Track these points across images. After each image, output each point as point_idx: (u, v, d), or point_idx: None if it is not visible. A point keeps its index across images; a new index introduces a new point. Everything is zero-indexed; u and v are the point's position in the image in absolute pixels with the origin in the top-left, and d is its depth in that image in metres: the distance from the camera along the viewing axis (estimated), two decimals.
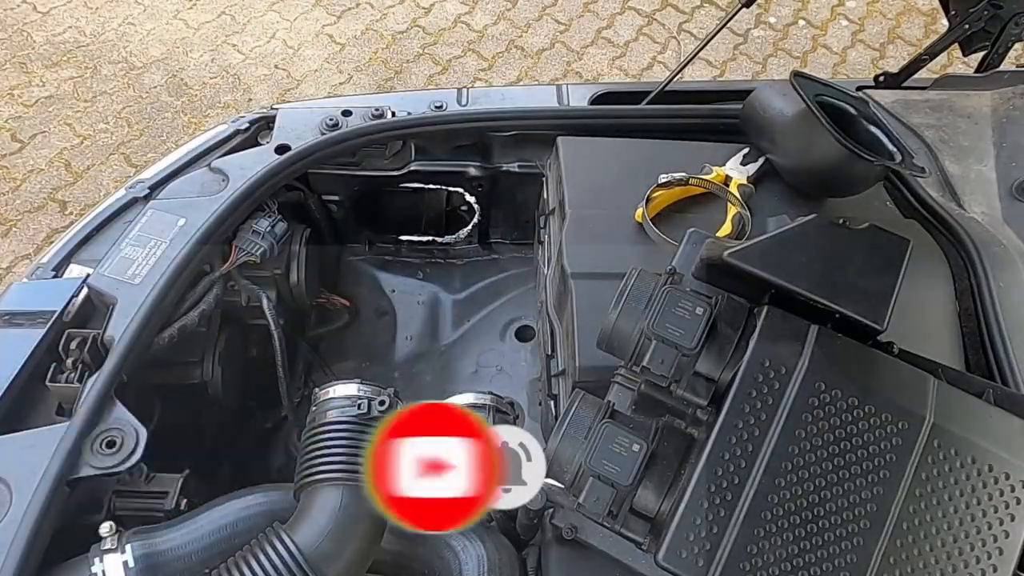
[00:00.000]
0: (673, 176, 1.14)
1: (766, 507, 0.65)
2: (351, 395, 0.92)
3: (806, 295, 0.71)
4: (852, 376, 0.68)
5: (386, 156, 1.34)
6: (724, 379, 0.72)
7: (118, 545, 0.84)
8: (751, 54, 3.11)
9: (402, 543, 0.95)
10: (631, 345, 0.77)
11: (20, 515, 0.82)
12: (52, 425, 0.90)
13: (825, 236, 0.76)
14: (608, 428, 0.73)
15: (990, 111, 1.25)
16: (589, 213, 1.12)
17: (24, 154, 2.63)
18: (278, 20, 3.08)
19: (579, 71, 3.03)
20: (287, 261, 1.25)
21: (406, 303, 1.50)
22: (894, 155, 1.10)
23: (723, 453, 0.66)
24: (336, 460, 0.87)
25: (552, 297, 1.17)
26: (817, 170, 1.13)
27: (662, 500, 0.72)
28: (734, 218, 1.12)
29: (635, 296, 0.78)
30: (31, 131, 2.67)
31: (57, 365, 0.95)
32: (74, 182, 2.56)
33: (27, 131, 2.67)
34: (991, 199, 1.16)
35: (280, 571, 0.80)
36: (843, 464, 0.66)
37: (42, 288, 1.05)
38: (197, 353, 1.15)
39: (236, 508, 0.90)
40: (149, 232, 1.08)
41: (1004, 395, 0.73)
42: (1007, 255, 1.07)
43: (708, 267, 0.78)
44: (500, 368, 1.44)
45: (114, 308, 1.00)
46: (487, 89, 1.36)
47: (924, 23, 3.21)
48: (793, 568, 0.64)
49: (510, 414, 1.10)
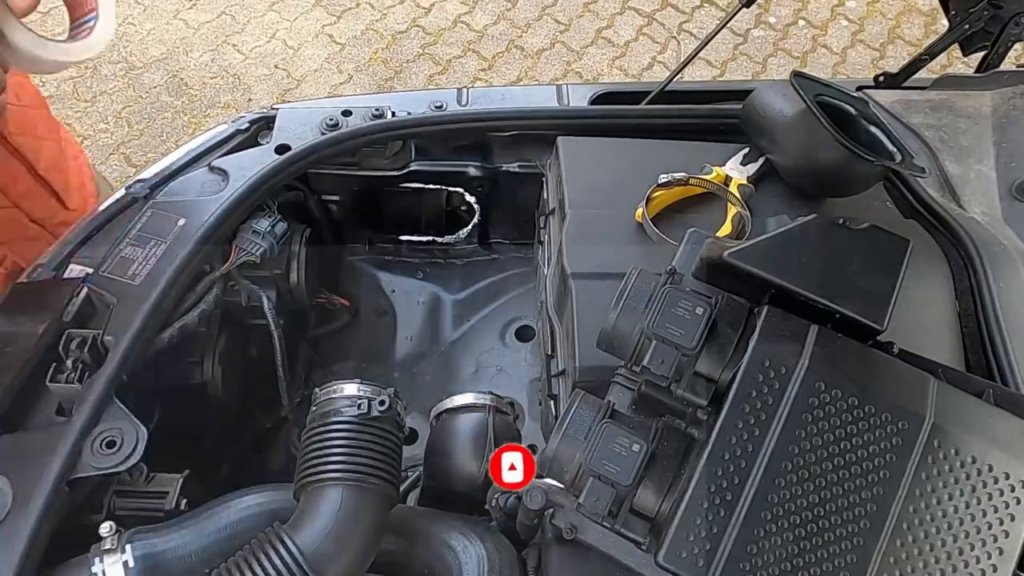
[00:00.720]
0: (673, 176, 1.14)
1: (766, 507, 0.65)
2: (351, 395, 0.92)
3: (806, 295, 0.71)
4: (852, 376, 0.68)
5: (386, 156, 1.34)
6: (724, 379, 0.72)
7: (118, 545, 0.84)
8: (751, 54, 3.11)
9: (402, 543, 0.95)
10: (631, 345, 0.77)
11: (20, 515, 0.82)
12: (52, 425, 0.91)
13: (825, 236, 0.76)
14: (608, 428, 0.73)
15: (990, 111, 1.25)
16: (589, 213, 1.12)
17: None
18: (278, 20, 3.08)
19: (579, 71, 3.04)
20: (287, 261, 1.25)
21: (406, 303, 1.50)
22: (894, 155, 1.10)
23: (723, 453, 0.66)
24: (336, 460, 0.87)
25: (552, 297, 1.17)
26: (817, 170, 1.13)
27: (662, 500, 0.72)
28: (734, 218, 1.12)
29: (635, 296, 0.78)
30: None
31: (57, 365, 0.95)
32: None
33: None
34: (991, 199, 1.16)
35: (280, 571, 0.79)
36: (843, 464, 0.66)
37: (42, 288, 1.05)
38: (197, 353, 1.15)
39: (236, 508, 0.90)
40: (149, 232, 1.08)
41: (1004, 395, 0.73)
42: (1007, 255, 1.07)
43: (708, 267, 0.78)
44: (500, 368, 1.44)
45: (114, 308, 1.00)
46: (487, 89, 1.35)
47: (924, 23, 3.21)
48: (793, 568, 0.64)
49: (510, 414, 1.10)
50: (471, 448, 1.03)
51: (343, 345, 1.47)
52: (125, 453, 0.88)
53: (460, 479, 1.02)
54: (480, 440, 1.03)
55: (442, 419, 1.08)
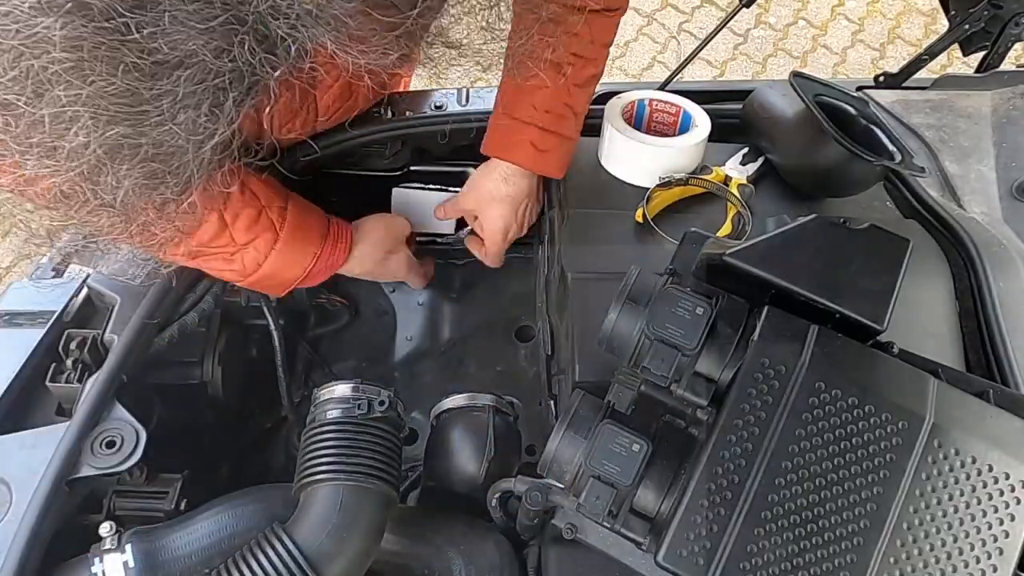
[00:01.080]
0: (673, 176, 1.14)
1: (766, 507, 0.65)
2: (351, 395, 0.92)
3: (806, 295, 0.71)
4: (852, 376, 0.68)
5: (386, 156, 1.34)
6: (724, 379, 0.72)
7: (118, 545, 0.84)
8: (751, 54, 3.11)
9: (402, 543, 0.95)
10: (631, 345, 0.77)
11: (20, 515, 0.82)
12: (52, 425, 0.91)
13: (825, 236, 0.76)
14: (608, 428, 0.73)
15: (990, 111, 1.25)
16: (589, 213, 1.12)
17: None
18: None
19: None
20: None
21: (406, 303, 1.50)
22: (894, 155, 1.10)
23: (723, 453, 0.66)
24: (336, 460, 0.87)
25: (552, 297, 1.17)
26: (817, 170, 1.13)
27: (662, 500, 0.72)
28: (734, 218, 1.12)
29: (635, 296, 0.78)
30: None
31: (57, 365, 0.95)
32: None
33: None
34: (991, 199, 1.16)
35: (280, 571, 0.80)
36: (843, 464, 0.66)
37: (42, 288, 1.05)
38: (197, 353, 1.15)
39: (236, 508, 0.90)
40: None
41: (1004, 395, 0.73)
42: (1007, 255, 1.07)
43: (708, 267, 0.78)
44: (500, 368, 1.44)
45: (114, 308, 1.00)
46: (487, 89, 1.35)
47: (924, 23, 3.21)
48: (793, 568, 0.64)
49: (510, 414, 1.10)
50: (471, 448, 1.03)
51: (343, 345, 1.47)
52: (125, 453, 0.88)
53: (460, 479, 1.02)
54: (480, 440, 1.03)
55: (442, 419, 1.08)
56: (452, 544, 0.93)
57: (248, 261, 1.00)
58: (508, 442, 1.06)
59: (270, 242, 1.00)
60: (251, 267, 1.01)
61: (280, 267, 1.02)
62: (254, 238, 0.99)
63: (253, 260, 1.00)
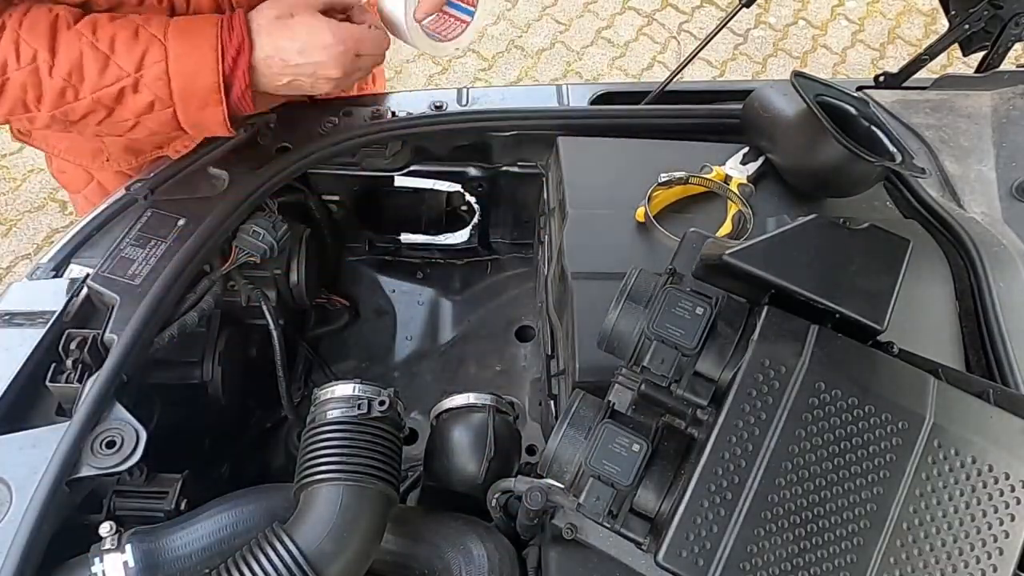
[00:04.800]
0: (673, 175, 1.14)
1: (766, 507, 0.65)
2: (351, 395, 0.92)
3: (806, 295, 0.71)
4: (852, 376, 0.68)
5: (386, 156, 1.34)
6: (724, 379, 0.73)
7: (118, 545, 0.84)
8: (751, 54, 3.11)
9: (402, 543, 0.95)
10: (631, 345, 0.77)
11: (20, 515, 0.82)
12: (52, 425, 0.91)
13: (825, 236, 0.76)
14: (608, 428, 0.73)
15: (990, 111, 1.25)
16: (589, 213, 1.12)
17: (24, 154, 2.63)
18: None
19: (579, 71, 3.04)
20: (287, 261, 1.25)
21: (406, 303, 1.50)
22: (894, 155, 1.10)
23: (723, 453, 0.66)
24: (336, 460, 0.87)
25: (552, 297, 1.17)
26: (817, 170, 1.13)
27: (662, 500, 0.72)
28: (734, 217, 1.12)
29: (635, 296, 0.78)
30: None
31: (57, 365, 0.95)
32: None
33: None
34: (991, 199, 1.16)
35: (280, 571, 0.80)
36: (843, 464, 0.66)
37: (42, 288, 1.05)
38: (197, 353, 1.15)
39: (236, 508, 0.90)
40: (149, 232, 1.08)
41: (1004, 395, 0.73)
42: (1007, 255, 1.07)
43: (708, 267, 0.78)
44: (500, 368, 1.44)
45: (114, 308, 1.00)
46: (487, 89, 1.35)
47: (924, 23, 3.22)
48: (793, 568, 0.64)
49: (510, 414, 1.10)
50: (471, 448, 1.03)
51: (343, 345, 1.47)
52: (125, 453, 0.88)
53: (460, 479, 1.02)
54: (480, 440, 1.03)
55: (442, 419, 1.08)
56: (452, 544, 0.93)
57: (152, 83, 0.96)
58: (508, 442, 1.06)
59: (160, 52, 0.95)
60: (161, 90, 0.97)
61: (188, 75, 0.96)
62: (141, 56, 0.95)
63: (155, 80, 0.95)
